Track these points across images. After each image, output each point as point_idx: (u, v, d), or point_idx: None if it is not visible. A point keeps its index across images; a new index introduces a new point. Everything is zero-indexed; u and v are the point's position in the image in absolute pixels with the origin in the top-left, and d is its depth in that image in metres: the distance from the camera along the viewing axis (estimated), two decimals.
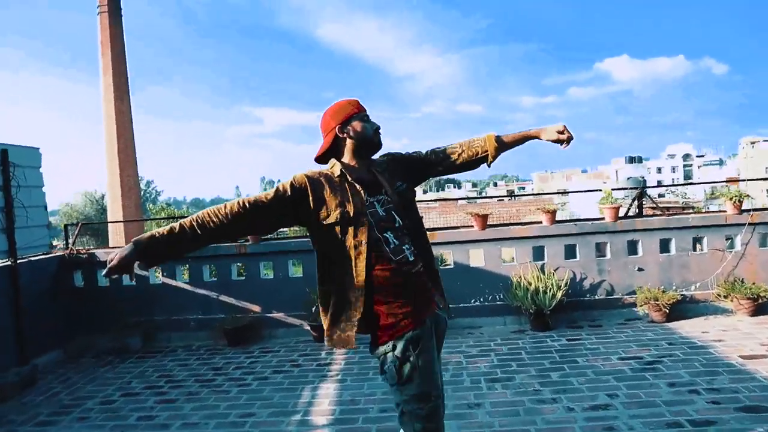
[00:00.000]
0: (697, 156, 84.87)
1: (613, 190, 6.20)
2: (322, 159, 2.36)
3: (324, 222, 2.14)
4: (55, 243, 10.90)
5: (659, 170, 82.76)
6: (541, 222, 6.03)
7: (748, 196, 5.90)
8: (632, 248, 5.96)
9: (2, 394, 4.78)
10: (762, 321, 5.36)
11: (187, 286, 6.25)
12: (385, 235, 2.16)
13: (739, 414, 3.44)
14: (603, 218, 6.00)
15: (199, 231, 2.08)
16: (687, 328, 5.33)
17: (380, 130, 2.31)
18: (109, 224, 18.55)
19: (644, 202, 6.48)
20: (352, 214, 2.12)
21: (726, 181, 8.58)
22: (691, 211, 12.68)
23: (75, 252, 6.39)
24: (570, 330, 5.53)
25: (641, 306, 5.67)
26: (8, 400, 4.74)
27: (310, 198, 2.15)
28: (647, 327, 5.46)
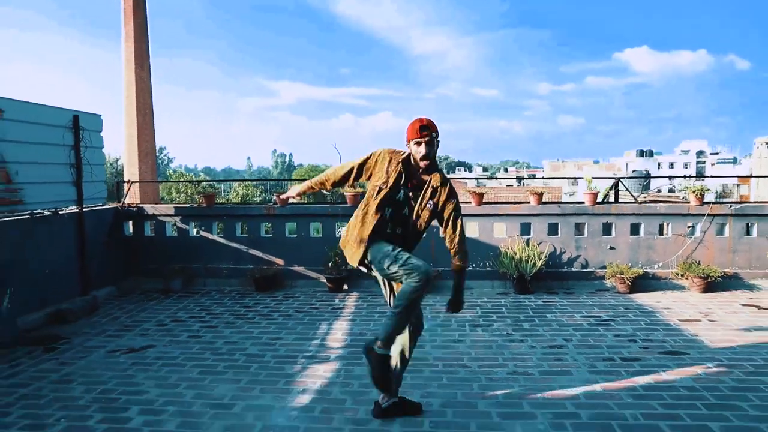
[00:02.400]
0: (711, 153, 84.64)
1: (609, 179, 7.11)
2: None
3: (373, 181, 3.26)
4: None
5: (671, 165, 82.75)
6: (529, 202, 6.98)
7: (708, 190, 6.79)
8: (607, 229, 6.90)
9: (74, 315, 5.86)
10: (709, 297, 6.31)
11: (222, 240, 7.28)
12: (388, 208, 3.20)
13: (661, 356, 4.42)
14: (583, 202, 6.93)
15: (329, 184, 3.43)
16: (645, 298, 6.29)
17: (425, 156, 3.13)
18: (124, 184, 19.79)
19: (644, 193, 7.39)
20: (383, 187, 3.17)
21: (737, 178, 9.40)
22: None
23: (126, 205, 7.43)
24: (547, 294, 6.51)
25: (609, 279, 6.64)
26: (79, 320, 5.81)
27: (378, 165, 3.26)
28: (612, 296, 6.43)
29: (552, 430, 3.19)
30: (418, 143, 3.13)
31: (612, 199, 7.27)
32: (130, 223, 7.48)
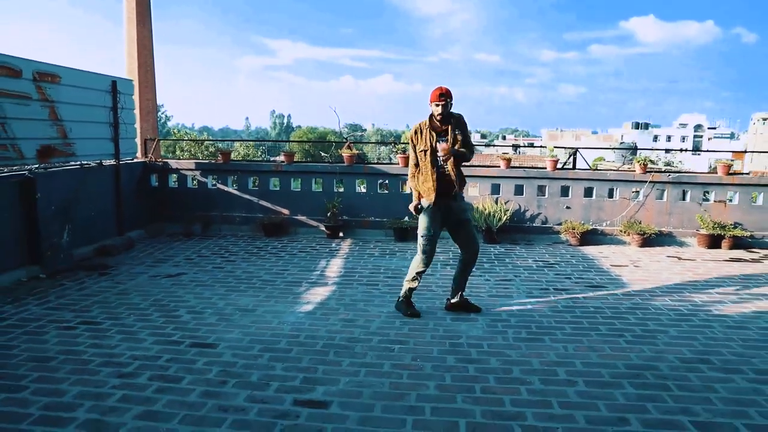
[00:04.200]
0: (708, 128, 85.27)
1: (598, 149, 8.25)
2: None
3: (418, 148, 4.63)
4: None
5: (669, 138, 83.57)
6: (499, 166, 8.17)
7: (651, 161, 7.96)
8: (564, 191, 8.10)
9: (116, 250, 7.09)
10: (643, 250, 7.57)
11: (236, 191, 8.47)
12: (437, 156, 4.59)
13: (585, 288, 5.69)
14: (545, 167, 8.11)
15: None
16: (591, 249, 7.55)
17: (440, 114, 4.50)
18: (147, 141, 20.93)
19: (627, 165, 8.53)
20: (426, 147, 4.57)
21: (731, 153, 10.54)
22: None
23: (153, 159, 8.58)
24: (510, 244, 7.77)
25: (564, 233, 7.88)
26: (119, 254, 7.04)
27: (417, 138, 4.66)
28: (565, 248, 7.68)
29: (487, 327, 4.46)
30: (437, 105, 4.51)
31: (570, 165, 8.45)
32: (156, 175, 8.64)
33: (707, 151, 43.51)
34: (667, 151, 30.69)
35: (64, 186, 6.52)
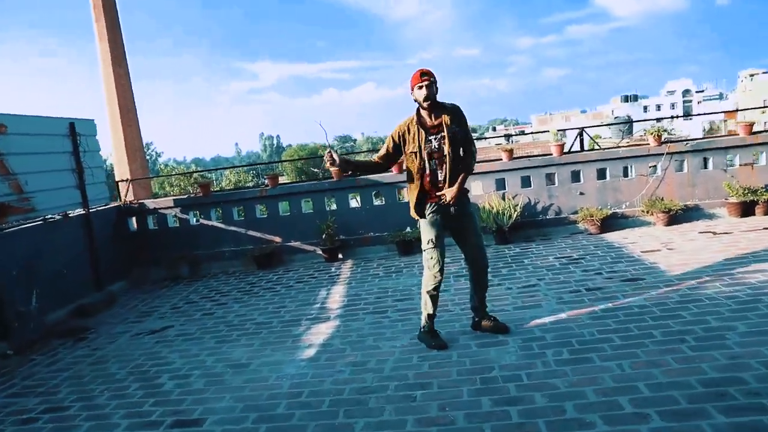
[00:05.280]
0: (696, 91, 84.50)
1: (592, 127, 7.60)
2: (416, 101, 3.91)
3: (406, 151, 3.92)
4: None
5: (658, 107, 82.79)
6: (501, 159, 7.49)
7: (665, 131, 7.29)
8: (575, 177, 7.43)
9: (96, 308, 6.40)
10: (671, 229, 6.88)
11: (221, 225, 7.79)
12: (432, 161, 3.85)
13: (621, 283, 5.00)
14: (551, 154, 7.44)
15: (370, 165, 4.23)
16: (614, 236, 6.86)
17: (427, 96, 3.74)
18: (120, 185, 20.19)
19: (626, 138, 7.87)
20: (415, 149, 3.85)
21: (723, 113, 9.89)
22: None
23: (128, 202, 7.91)
24: (525, 242, 7.08)
25: (581, 222, 7.20)
26: (99, 313, 6.36)
27: (403, 138, 3.93)
28: (585, 237, 6.99)
29: (520, 351, 3.76)
30: (420, 87, 3.74)
31: (577, 147, 7.78)
32: (134, 218, 7.97)
33: (700, 114, 42.86)
34: (658, 120, 29.97)
35: (25, 246, 5.86)
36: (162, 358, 4.56)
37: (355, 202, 8.08)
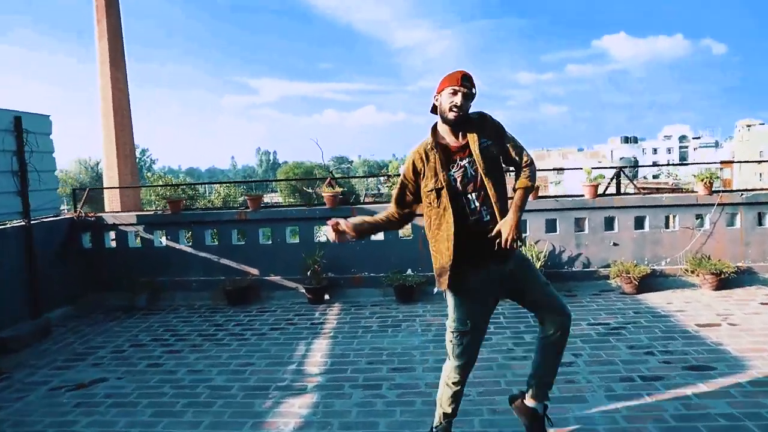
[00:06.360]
0: (693, 138, 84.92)
1: (598, 168, 6.56)
2: (434, 110, 2.74)
3: (424, 189, 2.70)
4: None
5: (655, 151, 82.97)
6: None
7: (718, 178, 6.27)
8: (609, 224, 6.35)
9: (20, 342, 5.19)
10: (723, 295, 5.79)
11: (190, 249, 6.63)
12: (468, 196, 2.63)
13: (685, 372, 3.87)
14: (583, 195, 6.37)
15: (387, 224, 2.89)
16: (654, 299, 5.75)
17: (458, 107, 2.58)
18: (105, 190, 18.93)
19: (626, 182, 6.85)
20: (437, 185, 2.63)
21: (720, 163, 8.94)
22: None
23: (84, 215, 6.74)
24: None
25: (614, 278, 6.09)
26: (26, 348, 5.14)
27: (419, 170, 2.70)
28: (618, 298, 5.89)
29: None
30: (455, 92, 2.59)
31: (613, 190, 6.72)
32: (89, 234, 6.80)
33: (695, 163, 42.36)
34: (656, 164, 29.25)
35: None
36: None
37: None
